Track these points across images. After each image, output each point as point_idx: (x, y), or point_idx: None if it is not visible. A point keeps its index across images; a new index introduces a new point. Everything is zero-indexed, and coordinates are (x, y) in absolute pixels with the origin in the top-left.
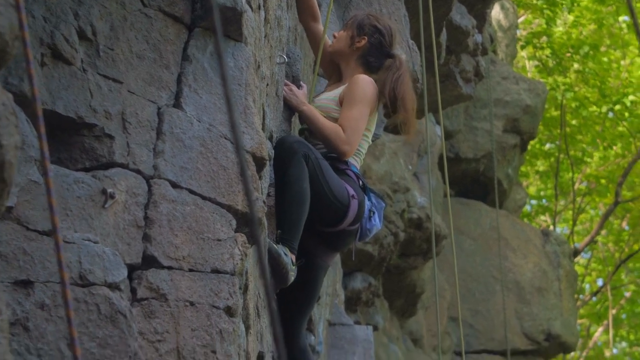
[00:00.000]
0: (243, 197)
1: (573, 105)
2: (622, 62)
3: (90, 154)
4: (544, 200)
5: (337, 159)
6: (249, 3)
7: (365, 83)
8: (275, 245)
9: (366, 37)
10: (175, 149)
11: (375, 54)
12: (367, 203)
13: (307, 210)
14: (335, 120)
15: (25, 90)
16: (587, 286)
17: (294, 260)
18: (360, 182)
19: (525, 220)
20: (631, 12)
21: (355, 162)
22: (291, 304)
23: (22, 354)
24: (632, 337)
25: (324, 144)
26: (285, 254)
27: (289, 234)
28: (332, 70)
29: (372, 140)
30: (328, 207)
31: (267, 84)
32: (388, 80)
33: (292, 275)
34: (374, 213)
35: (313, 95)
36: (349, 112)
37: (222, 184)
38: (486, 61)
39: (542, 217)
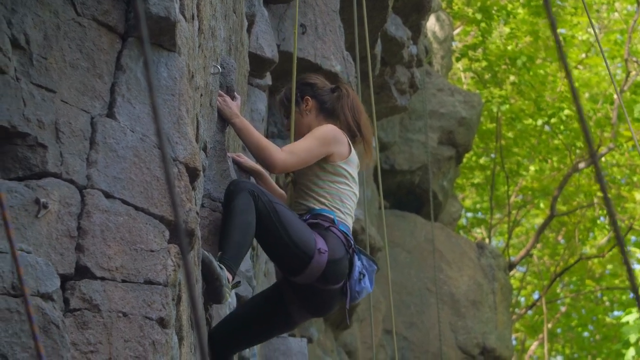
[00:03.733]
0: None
1: (509, 117)
2: (558, 75)
3: (23, 163)
4: (479, 213)
5: (324, 218)
6: (182, 13)
7: (326, 127)
8: (209, 255)
9: (307, 96)
10: (108, 159)
11: (324, 100)
12: (357, 265)
13: (250, 240)
14: (316, 178)
15: None
16: (522, 299)
17: (230, 279)
18: (350, 243)
19: (461, 232)
20: (551, 21)
21: (345, 220)
22: (241, 332)
23: None
24: (567, 351)
25: (256, 155)
26: (221, 267)
27: (228, 254)
28: None
29: None
30: (286, 253)
31: (201, 94)
32: (345, 109)
33: (226, 293)
34: (364, 275)
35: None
36: (299, 141)
37: (155, 194)
38: (421, 73)
39: (478, 230)
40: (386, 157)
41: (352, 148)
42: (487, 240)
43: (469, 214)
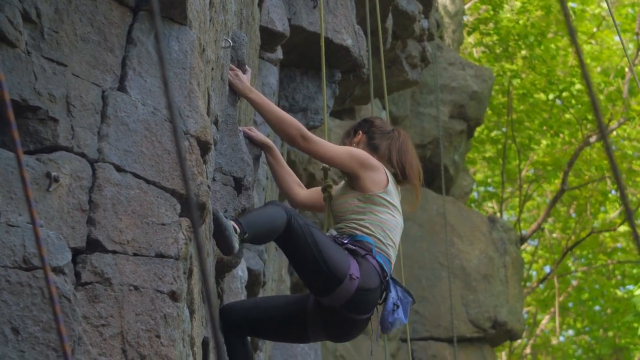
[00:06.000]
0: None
1: (520, 92)
2: (569, 49)
3: (34, 137)
4: (490, 187)
5: (362, 246)
6: None
7: (363, 151)
8: (216, 208)
9: (359, 131)
10: (119, 132)
11: (375, 137)
12: (392, 296)
13: (267, 238)
14: (357, 208)
15: None
16: (533, 273)
17: (237, 230)
18: (386, 274)
19: (472, 206)
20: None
21: (384, 251)
22: (255, 324)
23: None
24: (578, 325)
25: (278, 127)
26: (226, 217)
27: (244, 224)
28: None
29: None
30: (317, 273)
31: (212, 68)
32: (393, 150)
33: (235, 242)
34: (398, 307)
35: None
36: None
37: (166, 167)
38: (432, 47)
39: (489, 204)
40: None
41: (390, 179)
42: (498, 214)
43: (481, 188)
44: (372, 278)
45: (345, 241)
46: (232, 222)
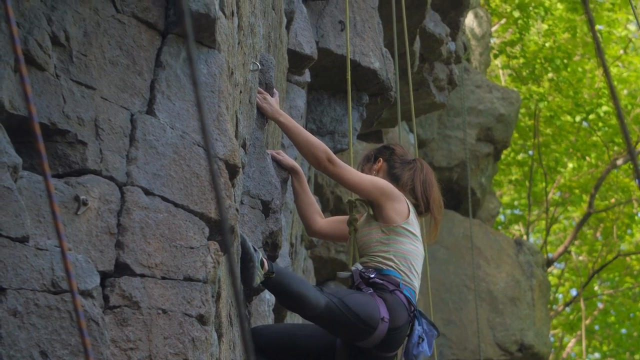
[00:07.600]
0: (216, 205)
1: (547, 114)
2: (596, 72)
3: (63, 161)
4: (517, 210)
5: (390, 280)
6: (222, 10)
7: (387, 182)
8: (243, 234)
9: (380, 159)
10: (148, 155)
11: (396, 166)
12: (417, 329)
13: (294, 298)
14: (380, 238)
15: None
16: (560, 296)
17: (265, 265)
18: (413, 307)
19: (499, 229)
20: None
21: (410, 283)
22: (282, 350)
23: None
24: (605, 348)
25: (305, 150)
26: (255, 250)
27: (277, 267)
28: None
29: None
30: (352, 329)
31: (241, 91)
32: (417, 182)
33: (257, 276)
34: (423, 339)
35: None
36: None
37: (195, 191)
38: (460, 69)
39: (516, 227)
40: (424, 153)
41: (411, 209)
42: (525, 237)
43: (507, 211)
44: (400, 315)
45: (372, 275)
46: (263, 258)
